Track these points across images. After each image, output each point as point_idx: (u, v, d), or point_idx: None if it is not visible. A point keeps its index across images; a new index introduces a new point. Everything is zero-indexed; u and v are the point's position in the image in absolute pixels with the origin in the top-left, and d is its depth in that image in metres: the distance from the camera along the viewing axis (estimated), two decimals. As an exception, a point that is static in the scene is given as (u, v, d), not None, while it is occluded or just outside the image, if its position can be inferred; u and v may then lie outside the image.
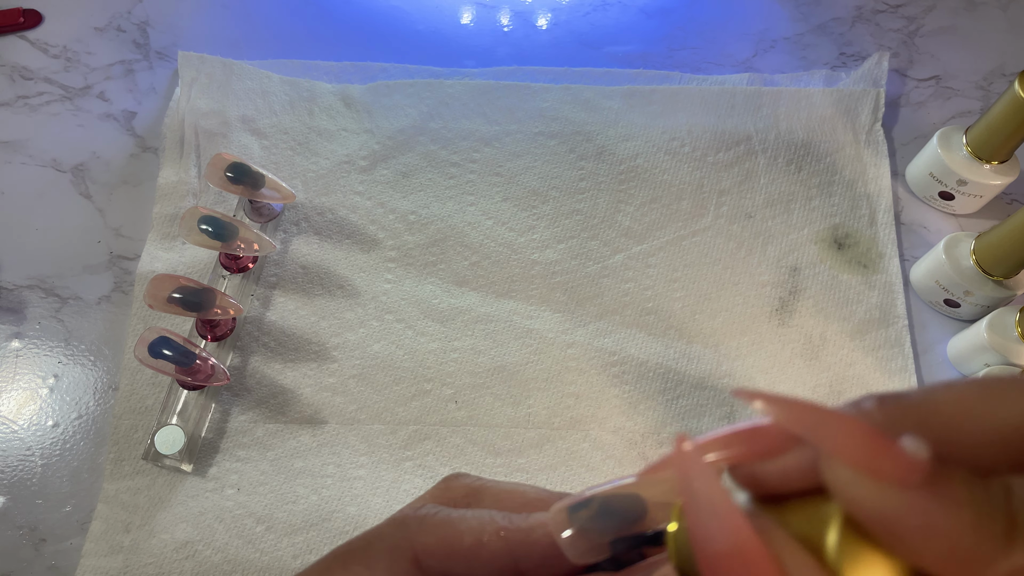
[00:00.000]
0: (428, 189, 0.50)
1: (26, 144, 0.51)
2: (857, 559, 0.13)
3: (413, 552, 0.20)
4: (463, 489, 0.22)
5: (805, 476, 0.15)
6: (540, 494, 0.22)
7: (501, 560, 0.19)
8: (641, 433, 0.43)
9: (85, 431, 0.43)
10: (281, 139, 0.51)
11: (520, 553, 0.19)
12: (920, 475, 0.12)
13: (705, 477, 0.15)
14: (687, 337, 0.46)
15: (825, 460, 0.14)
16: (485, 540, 0.19)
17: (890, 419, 0.13)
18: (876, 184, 0.50)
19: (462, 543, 0.20)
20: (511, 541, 0.19)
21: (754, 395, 0.15)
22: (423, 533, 0.20)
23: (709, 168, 0.51)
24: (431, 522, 0.20)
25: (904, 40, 0.57)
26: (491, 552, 0.19)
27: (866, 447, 0.13)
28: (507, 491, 0.22)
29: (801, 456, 0.15)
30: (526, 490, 0.22)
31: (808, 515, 0.15)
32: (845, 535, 0.14)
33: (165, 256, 0.47)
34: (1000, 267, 0.44)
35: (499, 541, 0.19)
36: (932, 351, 0.46)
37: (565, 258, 0.48)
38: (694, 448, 0.15)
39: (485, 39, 0.57)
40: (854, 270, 0.48)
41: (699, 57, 0.56)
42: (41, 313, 0.46)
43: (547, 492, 0.22)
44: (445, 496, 0.22)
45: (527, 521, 0.20)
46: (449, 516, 0.20)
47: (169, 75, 0.54)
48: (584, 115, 0.52)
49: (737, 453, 0.15)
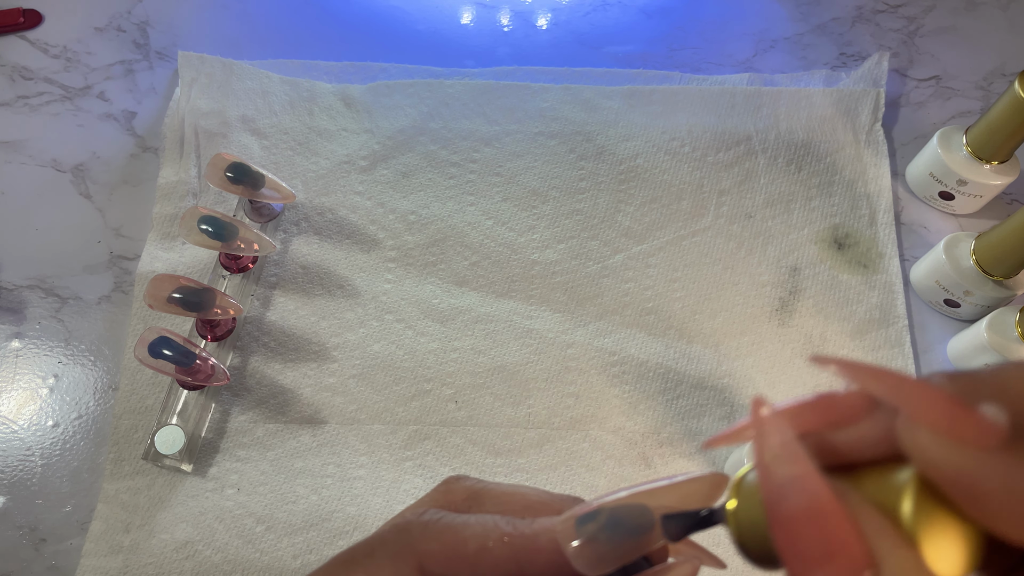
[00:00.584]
0: (428, 189, 0.50)
1: (26, 144, 0.51)
2: (933, 522, 0.14)
3: (417, 559, 0.20)
4: (464, 492, 0.22)
5: (877, 445, 0.15)
6: (542, 497, 0.22)
7: (506, 566, 0.19)
8: (641, 433, 0.43)
9: (85, 431, 0.43)
10: (281, 139, 0.51)
11: (525, 559, 0.19)
12: (1000, 438, 0.12)
13: (784, 436, 0.15)
14: (687, 337, 0.46)
15: (904, 424, 0.14)
16: (490, 546, 0.19)
17: (963, 390, 0.13)
18: (876, 184, 0.50)
19: (466, 549, 0.19)
20: (516, 547, 0.19)
21: (831, 361, 0.15)
22: (426, 539, 0.20)
23: (709, 168, 0.51)
24: (435, 528, 0.20)
25: (904, 40, 0.57)
26: (496, 558, 0.19)
27: (947, 411, 0.13)
28: (509, 494, 0.22)
29: (874, 425, 0.15)
30: (527, 492, 0.22)
31: (881, 482, 0.15)
32: (920, 500, 0.14)
33: (165, 256, 0.47)
34: (1000, 267, 0.44)
35: (504, 547, 0.19)
36: (932, 351, 0.46)
37: (565, 258, 0.48)
38: (772, 412, 0.16)
39: (485, 39, 0.57)
40: (854, 270, 0.48)
41: (699, 57, 0.56)
42: (41, 313, 0.46)
43: (548, 495, 0.22)
44: (446, 499, 0.22)
45: (532, 527, 0.20)
46: (453, 522, 0.20)
47: (169, 75, 0.54)
48: (584, 115, 0.52)
49: (812, 420, 0.15)
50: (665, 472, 0.42)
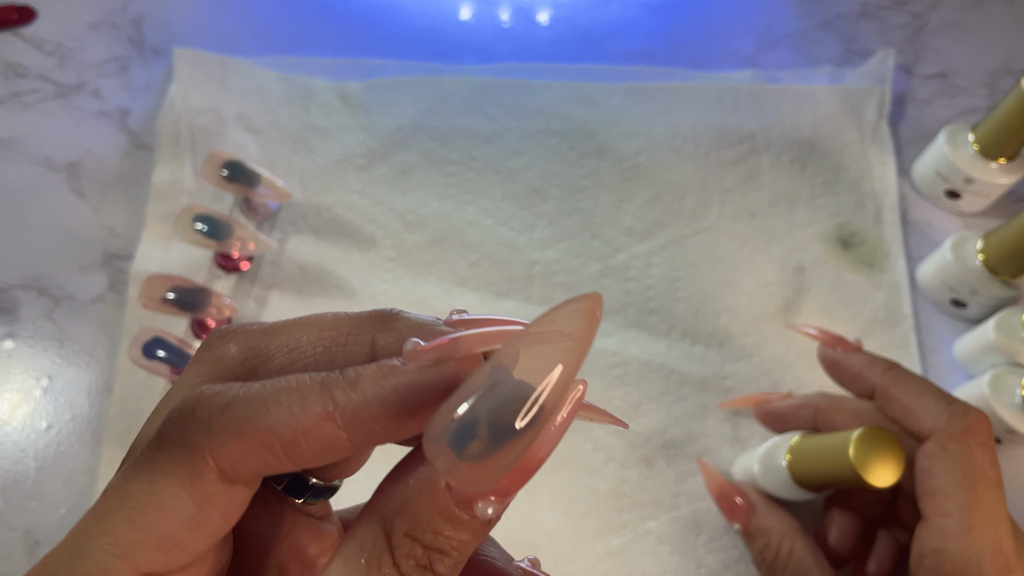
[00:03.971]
0: (427, 187, 0.49)
1: (19, 142, 0.50)
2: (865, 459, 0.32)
3: (215, 469, 0.15)
4: (239, 348, 0.17)
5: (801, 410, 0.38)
6: (338, 325, 0.17)
7: (335, 447, 0.15)
8: (644, 435, 0.43)
9: (79, 433, 0.43)
10: (278, 137, 0.50)
11: (358, 433, 0.15)
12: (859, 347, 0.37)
13: None
14: (690, 338, 0.45)
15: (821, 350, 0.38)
16: (310, 425, 0.15)
17: None
18: (882, 182, 0.50)
19: (275, 438, 0.15)
20: (346, 420, 0.15)
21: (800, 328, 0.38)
22: (218, 439, 0.15)
23: (712, 166, 0.50)
24: (223, 422, 0.15)
25: (909, 37, 0.56)
26: (320, 438, 0.15)
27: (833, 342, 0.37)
28: (299, 328, 0.17)
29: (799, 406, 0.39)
30: (319, 321, 0.17)
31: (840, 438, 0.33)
32: (857, 447, 0.32)
33: (160, 255, 0.46)
34: (1008, 266, 0.43)
35: (328, 425, 0.15)
36: (939, 352, 0.46)
37: (566, 257, 0.47)
38: None
39: (484, 35, 0.56)
40: (860, 270, 0.47)
41: (702, 53, 0.55)
42: (34, 313, 0.46)
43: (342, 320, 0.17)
44: (217, 369, 0.17)
45: (358, 394, 0.15)
46: (245, 402, 0.15)
47: (164, 72, 0.53)
48: (585, 112, 0.52)
49: None
50: (669, 475, 0.42)
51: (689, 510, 0.41)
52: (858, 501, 0.36)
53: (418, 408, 0.15)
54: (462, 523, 0.16)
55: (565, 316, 0.15)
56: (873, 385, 0.35)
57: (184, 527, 0.16)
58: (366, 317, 0.17)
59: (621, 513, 0.41)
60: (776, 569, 0.36)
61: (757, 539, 0.37)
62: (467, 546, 0.16)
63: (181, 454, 0.16)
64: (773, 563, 0.36)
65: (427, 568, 0.16)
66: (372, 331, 0.17)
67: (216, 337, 0.17)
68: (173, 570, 0.16)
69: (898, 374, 0.35)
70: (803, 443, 0.36)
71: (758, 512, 0.38)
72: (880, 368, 0.35)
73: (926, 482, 0.31)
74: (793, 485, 0.36)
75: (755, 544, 0.38)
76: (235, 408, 0.15)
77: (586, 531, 0.41)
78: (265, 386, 0.16)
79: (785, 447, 0.37)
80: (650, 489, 0.42)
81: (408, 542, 0.15)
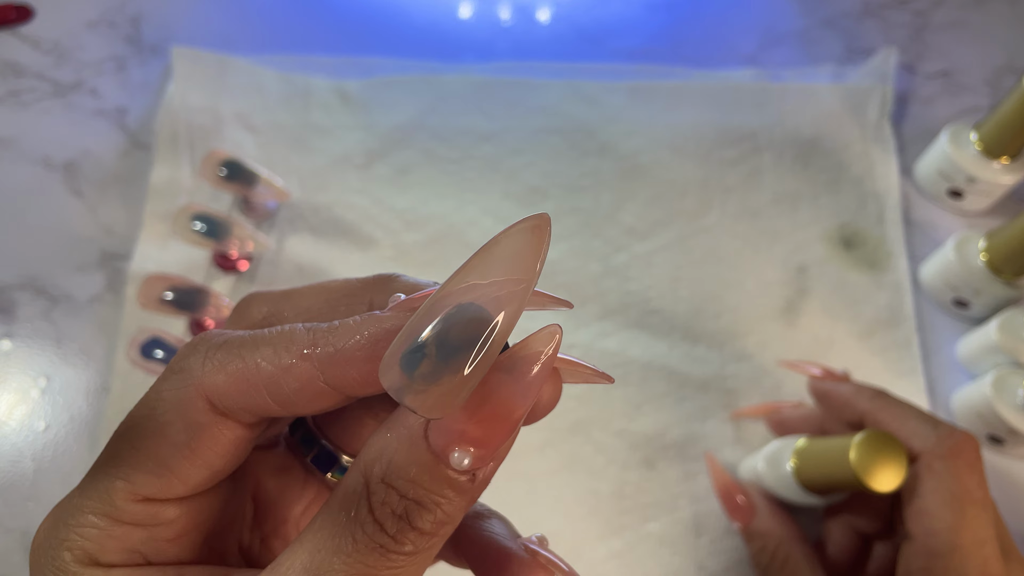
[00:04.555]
0: (426, 186, 0.49)
1: (16, 141, 0.50)
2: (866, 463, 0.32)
3: (204, 399, 0.17)
4: (261, 310, 0.19)
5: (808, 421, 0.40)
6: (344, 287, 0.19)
7: (311, 386, 0.16)
8: (645, 436, 0.42)
9: (77, 433, 0.42)
10: (276, 136, 0.50)
11: (333, 375, 0.16)
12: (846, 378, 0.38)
13: None
14: (692, 338, 0.45)
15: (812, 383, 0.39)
16: (288, 364, 0.16)
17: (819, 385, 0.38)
18: (884, 182, 0.50)
19: (259, 374, 0.16)
20: (322, 361, 0.16)
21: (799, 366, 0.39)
22: (208, 373, 0.17)
23: (714, 165, 0.50)
24: (216, 357, 0.17)
25: (912, 35, 0.56)
26: (297, 378, 0.16)
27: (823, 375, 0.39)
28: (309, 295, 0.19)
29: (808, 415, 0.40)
30: (329, 284, 0.19)
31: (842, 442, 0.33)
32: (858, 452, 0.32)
33: (158, 255, 0.46)
34: (1011, 266, 0.43)
35: (305, 364, 0.16)
36: (941, 352, 0.46)
37: (566, 257, 0.47)
38: None
39: (484, 33, 0.56)
40: (862, 269, 0.47)
41: (703, 52, 0.55)
42: (32, 313, 0.45)
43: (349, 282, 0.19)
44: (243, 326, 0.19)
45: (336, 337, 0.16)
46: (239, 343, 0.17)
47: (162, 71, 0.53)
48: (586, 111, 0.51)
49: None
50: (670, 476, 0.42)
51: (690, 512, 0.41)
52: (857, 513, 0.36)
53: None
54: (440, 475, 0.15)
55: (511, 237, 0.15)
56: (861, 412, 0.35)
57: (177, 454, 0.17)
58: (369, 281, 0.19)
59: (622, 515, 0.41)
60: (770, 573, 0.36)
61: (755, 541, 0.37)
62: (450, 504, 0.15)
63: (176, 383, 0.17)
64: (768, 567, 0.36)
65: (403, 519, 0.15)
66: (371, 292, 0.18)
67: (244, 301, 0.19)
68: (170, 499, 0.17)
69: (884, 400, 0.35)
70: (808, 446, 0.36)
71: (759, 514, 0.38)
72: (867, 395, 0.35)
73: (913, 502, 0.32)
74: (798, 488, 0.36)
75: (753, 545, 0.38)
76: (229, 344, 0.17)
77: (587, 533, 0.40)
78: (262, 331, 0.17)
79: (790, 450, 0.36)
80: (651, 491, 0.41)
81: (384, 488, 0.15)
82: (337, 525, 0.15)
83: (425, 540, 0.15)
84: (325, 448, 0.20)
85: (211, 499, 0.18)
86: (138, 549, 0.17)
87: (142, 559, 0.17)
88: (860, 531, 0.36)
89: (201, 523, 0.18)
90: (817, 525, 0.39)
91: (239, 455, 0.18)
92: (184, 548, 0.18)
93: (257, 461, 0.21)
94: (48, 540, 0.17)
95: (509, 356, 0.16)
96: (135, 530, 0.17)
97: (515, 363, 0.16)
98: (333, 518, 0.15)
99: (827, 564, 0.36)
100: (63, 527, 0.16)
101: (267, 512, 0.21)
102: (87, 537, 0.16)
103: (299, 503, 0.21)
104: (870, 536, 0.36)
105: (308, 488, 0.21)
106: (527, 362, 0.16)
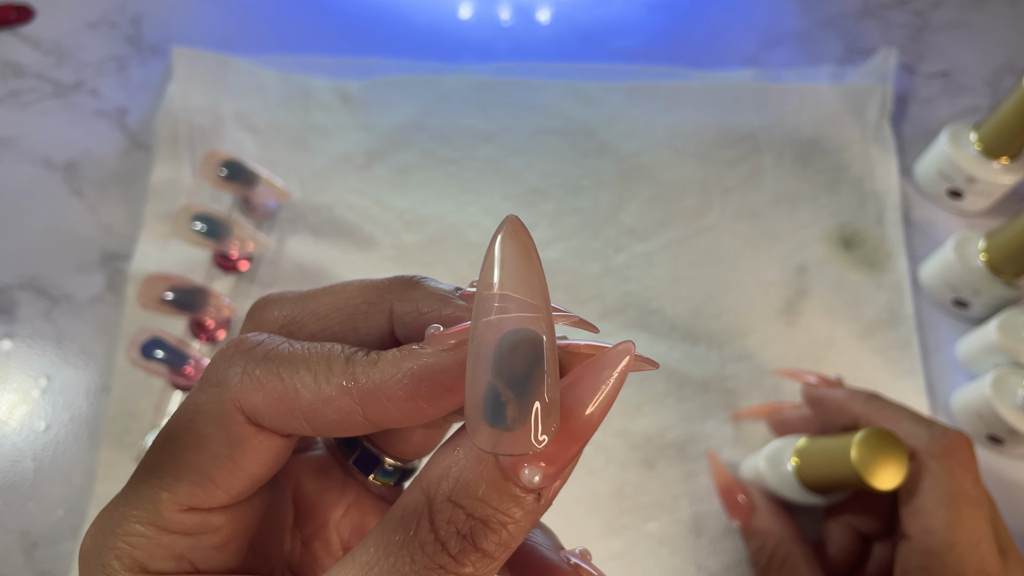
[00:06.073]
0: (426, 187, 0.49)
1: (17, 141, 0.50)
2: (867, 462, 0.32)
3: (242, 415, 0.17)
4: (279, 315, 0.18)
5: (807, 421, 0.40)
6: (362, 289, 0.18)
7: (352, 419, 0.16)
8: (645, 436, 0.42)
9: (77, 433, 0.42)
10: (277, 136, 0.50)
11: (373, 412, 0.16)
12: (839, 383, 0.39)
13: None
14: (691, 338, 0.45)
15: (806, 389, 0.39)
16: (327, 396, 0.16)
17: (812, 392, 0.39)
18: (884, 182, 0.50)
19: (298, 401, 0.16)
20: (362, 397, 0.16)
21: None
22: (248, 391, 0.16)
23: (714, 165, 0.50)
24: (255, 375, 0.16)
25: (912, 35, 0.56)
26: (338, 410, 0.16)
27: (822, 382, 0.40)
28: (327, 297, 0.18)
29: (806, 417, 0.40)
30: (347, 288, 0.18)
31: (842, 440, 0.33)
32: (859, 451, 0.32)
33: (158, 255, 0.46)
34: (1010, 266, 0.43)
35: (346, 397, 0.16)
36: (941, 352, 0.46)
37: (566, 257, 0.47)
38: None
39: (484, 34, 0.56)
40: (862, 270, 0.47)
41: (703, 52, 0.55)
42: (32, 313, 0.45)
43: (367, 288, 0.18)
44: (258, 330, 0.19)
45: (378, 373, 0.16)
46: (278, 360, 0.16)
47: (162, 71, 0.53)
48: (586, 111, 0.51)
49: None
50: (670, 477, 0.42)
51: (690, 512, 0.41)
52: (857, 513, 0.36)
53: (435, 391, 0.15)
54: (509, 494, 0.15)
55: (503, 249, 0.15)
56: (856, 416, 0.35)
57: (218, 466, 0.17)
58: (388, 284, 0.18)
59: (622, 515, 0.41)
60: (768, 573, 0.36)
61: (754, 540, 0.37)
62: (516, 525, 0.15)
63: (214, 395, 0.17)
64: (767, 566, 0.36)
65: (467, 538, 0.14)
66: (391, 298, 0.18)
67: (259, 306, 0.19)
68: (213, 508, 0.17)
69: (878, 403, 0.35)
70: (809, 445, 0.36)
71: (759, 513, 0.38)
72: (860, 399, 0.36)
73: (909, 501, 0.32)
74: (799, 487, 0.36)
75: (752, 544, 0.38)
76: (268, 361, 0.16)
77: (587, 533, 0.40)
78: (301, 348, 0.17)
79: (791, 449, 0.36)
80: (651, 491, 0.41)
81: (450, 507, 0.15)
82: (393, 544, 0.15)
83: (487, 563, 0.15)
84: (368, 450, 0.20)
85: (254, 504, 0.18)
86: (186, 556, 0.17)
87: (190, 567, 0.17)
88: (860, 531, 0.36)
89: (246, 528, 0.18)
90: (817, 525, 0.39)
91: (279, 461, 0.18)
92: (231, 555, 0.18)
93: (296, 463, 0.21)
94: (97, 547, 0.17)
95: (582, 372, 0.15)
96: (182, 539, 0.17)
97: (587, 378, 0.15)
98: (388, 536, 0.15)
99: (827, 564, 0.36)
100: (111, 535, 0.16)
101: (307, 515, 0.21)
102: (135, 545, 0.16)
103: (339, 505, 0.21)
104: (870, 536, 0.36)
105: (348, 490, 0.21)
106: (601, 377, 0.15)
